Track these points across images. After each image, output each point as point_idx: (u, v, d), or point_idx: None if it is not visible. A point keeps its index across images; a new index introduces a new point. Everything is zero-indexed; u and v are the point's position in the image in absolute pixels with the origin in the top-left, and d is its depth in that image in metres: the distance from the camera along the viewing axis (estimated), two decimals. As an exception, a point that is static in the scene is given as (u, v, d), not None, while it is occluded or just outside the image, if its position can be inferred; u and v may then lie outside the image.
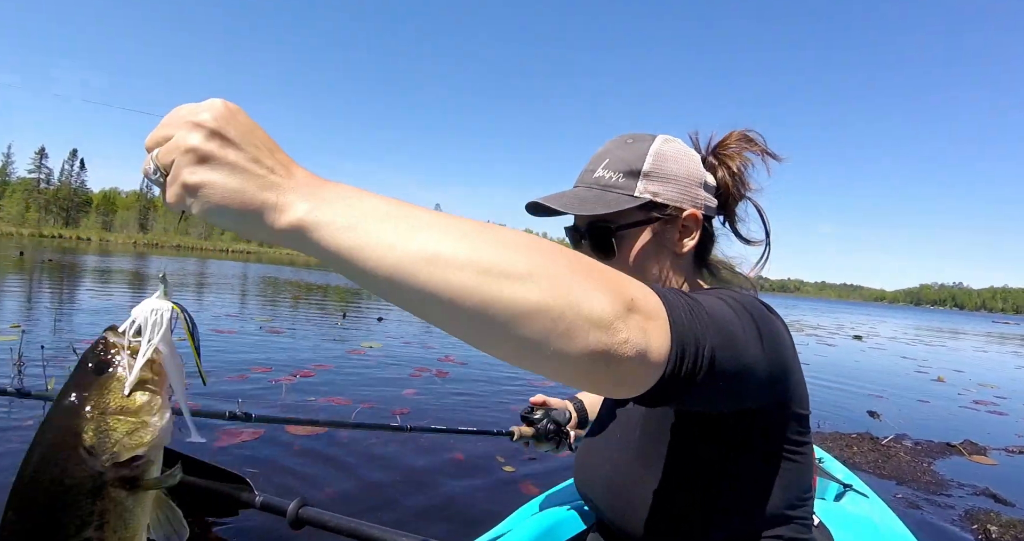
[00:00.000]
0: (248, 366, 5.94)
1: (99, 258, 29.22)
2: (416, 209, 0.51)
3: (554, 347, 0.47)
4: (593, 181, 1.00)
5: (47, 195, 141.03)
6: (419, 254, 0.47)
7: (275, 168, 0.51)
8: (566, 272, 0.49)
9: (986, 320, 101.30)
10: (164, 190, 0.51)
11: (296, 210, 0.49)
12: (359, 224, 0.48)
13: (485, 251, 0.48)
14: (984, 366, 13.89)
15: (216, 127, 0.49)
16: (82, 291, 12.40)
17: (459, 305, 0.47)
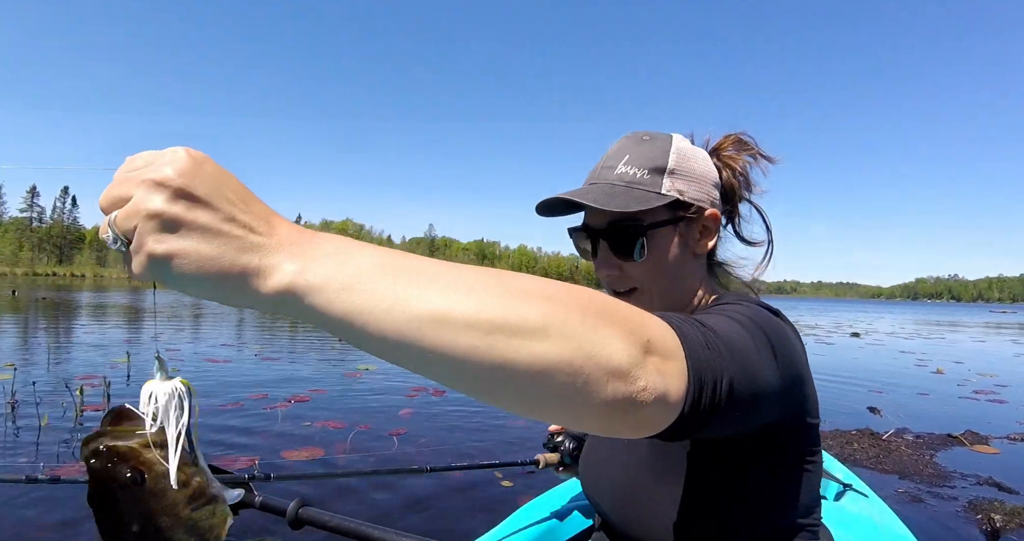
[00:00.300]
0: (243, 394, 5.92)
1: (93, 294, 29.18)
2: (414, 260, 0.46)
3: (574, 402, 0.44)
4: (615, 178, 0.95)
5: (40, 233, 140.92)
6: (423, 315, 0.42)
7: (253, 225, 0.44)
8: (580, 319, 0.45)
9: (983, 310, 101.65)
10: (127, 259, 0.44)
11: (283, 273, 0.43)
12: (355, 284, 0.43)
13: (493, 306, 0.43)
14: (983, 356, 13.87)
15: (181, 184, 0.42)
16: (76, 328, 12.34)
17: (470, 367, 0.43)
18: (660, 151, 0.96)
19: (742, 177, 1.04)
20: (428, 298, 0.43)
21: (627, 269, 0.96)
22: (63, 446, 4.08)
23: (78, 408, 5.02)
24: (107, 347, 9.12)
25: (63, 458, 3.80)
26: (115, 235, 0.44)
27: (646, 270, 0.95)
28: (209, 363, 7.89)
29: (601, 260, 0.98)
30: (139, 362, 7.59)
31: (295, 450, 4.08)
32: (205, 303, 24.95)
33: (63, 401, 5.14)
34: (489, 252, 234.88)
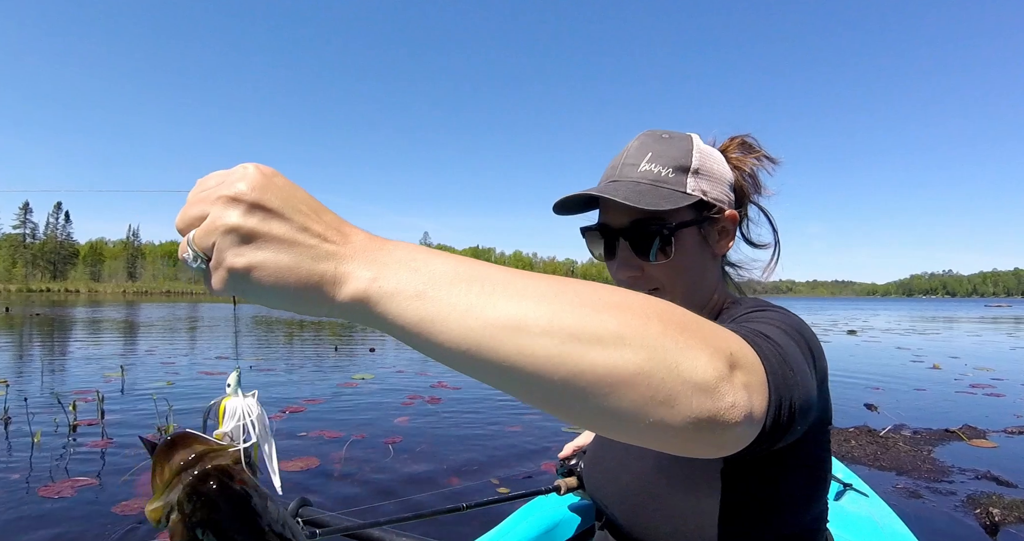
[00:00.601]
0: (238, 406, 5.85)
1: (88, 309, 29.04)
2: (486, 268, 0.45)
3: (654, 417, 0.42)
4: (639, 175, 0.93)
5: (33, 250, 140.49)
6: (499, 322, 0.41)
7: (327, 234, 0.44)
8: (660, 329, 0.43)
9: (978, 305, 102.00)
10: (207, 276, 0.45)
11: (358, 280, 0.43)
12: (428, 291, 0.42)
13: (570, 313, 0.42)
14: (979, 350, 13.89)
15: (255, 198, 0.43)
16: (70, 343, 12.28)
17: (546, 377, 0.41)
18: (683, 150, 0.95)
19: (751, 179, 1.04)
20: (502, 305, 0.42)
21: (649, 270, 0.94)
22: (56, 462, 4.04)
23: (71, 424, 4.98)
24: (101, 362, 9.08)
25: (56, 475, 3.76)
26: (195, 253, 0.44)
27: (669, 271, 0.93)
28: (204, 375, 7.88)
29: (621, 261, 0.95)
30: (132, 377, 7.56)
31: (290, 461, 4.05)
32: (200, 315, 24.99)
33: (56, 417, 5.11)
34: (484, 259, 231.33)
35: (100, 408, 5.42)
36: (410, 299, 0.42)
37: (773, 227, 1.06)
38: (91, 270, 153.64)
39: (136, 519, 3.07)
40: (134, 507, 3.21)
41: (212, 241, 0.43)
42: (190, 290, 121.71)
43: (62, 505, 3.27)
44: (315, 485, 3.64)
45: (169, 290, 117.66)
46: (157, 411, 5.34)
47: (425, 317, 0.42)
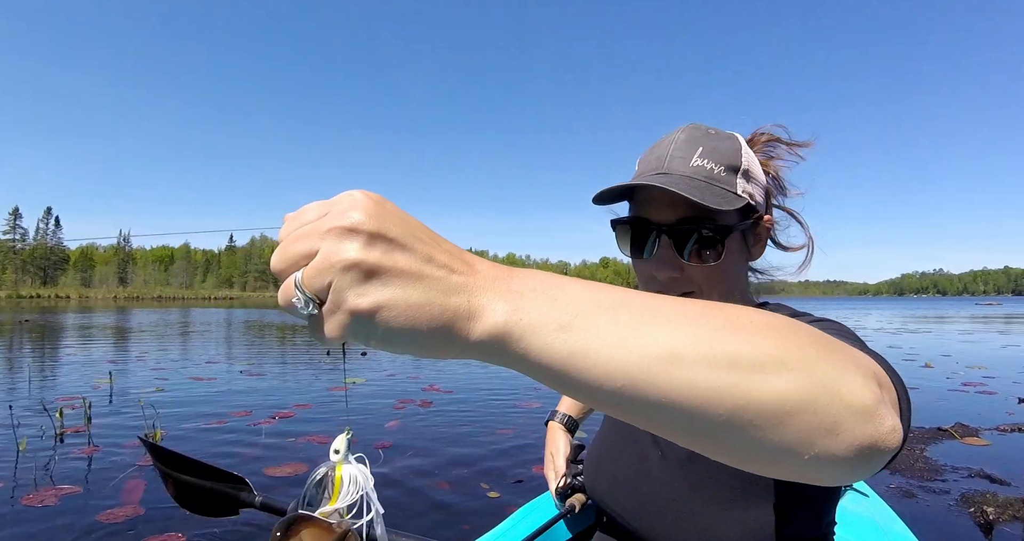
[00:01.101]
0: (227, 412, 5.84)
1: (78, 315, 28.83)
2: (625, 292, 0.42)
3: (818, 447, 0.39)
4: (692, 170, 0.87)
5: (23, 255, 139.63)
6: (655, 352, 0.38)
7: (452, 264, 0.40)
8: (815, 351, 0.40)
9: (969, 303, 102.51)
10: (318, 322, 0.39)
11: (494, 313, 0.39)
12: (573, 322, 0.38)
13: (726, 338, 0.39)
14: (971, 348, 13.95)
15: (375, 228, 0.38)
16: (58, 350, 12.16)
17: (709, 410, 0.38)
18: (733, 149, 0.90)
19: (775, 181, 0.99)
20: (656, 334, 0.38)
21: (689, 272, 0.88)
22: (41, 470, 3.98)
23: (58, 431, 4.92)
24: (90, 368, 9.02)
25: (40, 483, 3.70)
26: (306, 297, 0.38)
27: (712, 274, 0.88)
28: (194, 381, 7.81)
29: (661, 259, 0.88)
30: (121, 383, 7.49)
31: (278, 466, 4.01)
32: (192, 321, 24.85)
33: (42, 424, 5.05)
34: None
35: (87, 415, 5.36)
36: (555, 332, 0.38)
37: (803, 225, 1.02)
38: (82, 276, 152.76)
39: (120, 527, 3.02)
40: (119, 515, 3.16)
41: (328, 281, 0.37)
42: (181, 295, 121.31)
43: (45, 514, 3.22)
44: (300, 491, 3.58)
45: (160, 295, 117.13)
46: (144, 417, 5.28)
47: (574, 351, 0.38)
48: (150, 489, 3.57)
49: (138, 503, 3.34)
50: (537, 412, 5.91)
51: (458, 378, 8.31)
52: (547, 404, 6.10)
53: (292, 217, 0.41)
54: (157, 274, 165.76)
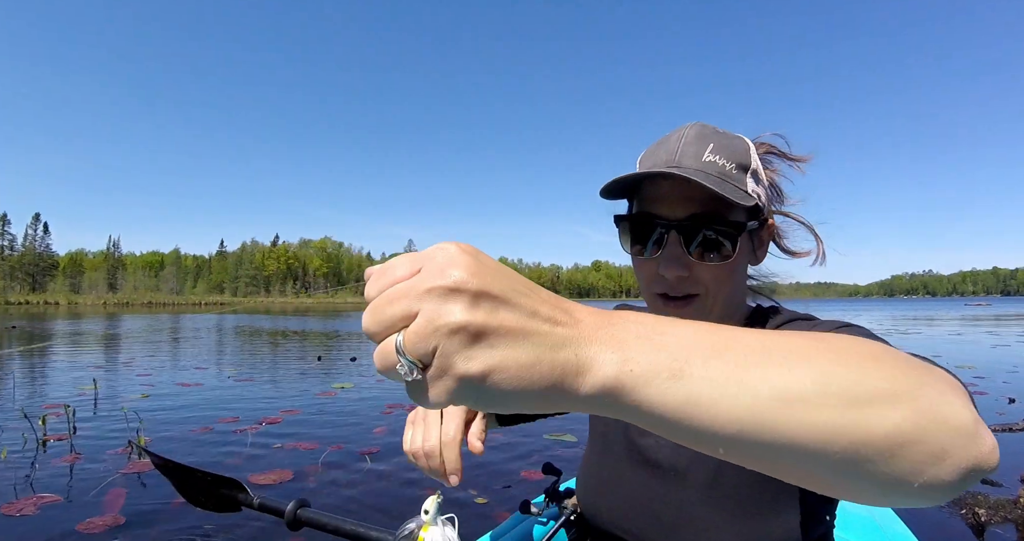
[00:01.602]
0: (214, 417, 5.79)
1: (66, 322, 28.60)
2: (729, 331, 0.40)
3: (928, 475, 0.37)
4: (704, 165, 0.83)
5: (12, 262, 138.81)
6: (770, 395, 0.36)
7: (555, 315, 0.38)
8: (918, 378, 0.39)
9: (958, 304, 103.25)
10: (422, 387, 0.37)
11: (604, 365, 0.37)
12: (685, 369, 0.37)
13: (837, 374, 0.38)
14: (961, 348, 14.00)
15: (479, 286, 0.36)
16: (45, 357, 12.02)
17: (826, 450, 0.37)
18: (743, 149, 0.88)
19: (772, 189, 0.97)
20: (769, 375, 0.37)
21: (698, 271, 0.84)
22: (22, 479, 3.91)
23: (40, 439, 4.85)
24: (76, 375, 8.91)
25: (20, 492, 3.63)
26: (410, 363, 0.36)
27: (720, 275, 0.85)
28: (181, 387, 7.74)
29: (670, 257, 0.84)
30: (106, 390, 7.41)
31: (262, 473, 3.95)
32: (180, 325, 24.71)
33: (25, 432, 4.97)
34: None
35: (71, 422, 5.29)
36: (667, 381, 0.37)
37: (808, 226, 1.00)
38: (71, 282, 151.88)
39: (99, 537, 2.96)
40: (99, 525, 3.10)
41: (433, 346, 0.35)
42: (172, 301, 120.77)
43: (23, 523, 3.15)
44: (285, 498, 3.53)
45: (151, 301, 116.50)
46: (128, 425, 5.21)
47: (688, 400, 0.36)
48: (132, 498, 3.51)
49: (118, 512, 3.28)
50: (527, 416, 5.86)
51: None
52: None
53: (379, 273, 0.39)
54: (147, 280, 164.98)
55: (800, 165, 0.98)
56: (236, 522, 3.07)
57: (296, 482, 3.86)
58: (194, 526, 3.06)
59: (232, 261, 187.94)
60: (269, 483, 3.79)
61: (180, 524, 3.09)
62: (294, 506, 1.27)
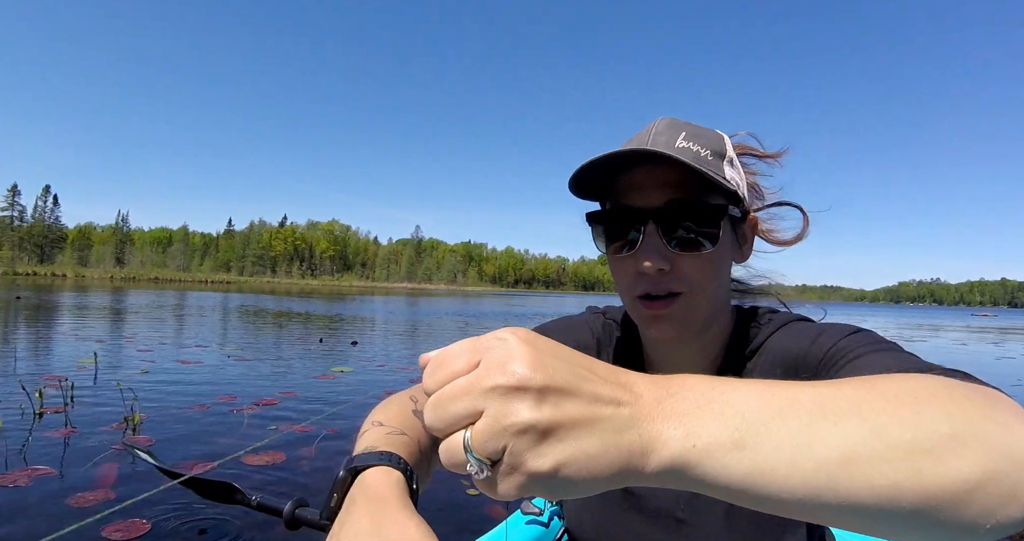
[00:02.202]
0: (211, 396, 5.78)
1: (73, 295, 28.74)
2: (784, 388, 0.39)
3: (999, 516, 0.36)
4: (677, 151, 0.75)
5: (20, 233, 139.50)
6: (831, 458, 0.36)
7: (616, 395, 0.37)
8: (979, 413, 0.38)
9: (964, 314, 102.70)
10: (491, 482, 0.37)
11: (668, 442, 0.37)
12: (746, 438, 0.36)
13: (896, 425, 0.37)
14: (966, 359, 13.97)
15: (543, 382, 0.35)
16: (48, 329, 12.09)
17: (893, 506, 0.36)
18: (716, 138, 0.83)
19: (753, 190, 0.93)
20: (829, 438, 0.36)
21: (680, 264, 0.77)
22: (16, 450, 3.92)
23: (36, 411, 4.86)
24: (78, 348, 8.93)
25: (13, 464, 3.64)
26: (479, 462, 0.36)
27: (704, 266, 0.78)
28: (180, 364, 7.75)
29: (648, 249, 0.77)
30: (106, 364, 7.43)
31: (255, 455, 3.95)
32: (184, 303, 24.80)
33: (22, 403, 4.98)
34: (476, 254, 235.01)
35: (69, 395, 5.31)
36: (730, 453, 0.36)
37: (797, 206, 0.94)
38: (79, 255, 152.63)
39: (88, 512, 2.96)
40: (89, 499, 3.10)
41: (502, 445, 0.35)
42: (178, 278, 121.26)
43: (14, 495, 3.15)
44: (277, 481, 3.54)
45: (157, 277, 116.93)
46: (124, 400, 5.21)
47: (751, 470, 0.36)
48: (123, 474, 3.51)
49: (110, 487, 3.28)
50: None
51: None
52: None
53: (436, 362, 0.39)
54: (155, 256, 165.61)
55: (777, 161, 0.94)
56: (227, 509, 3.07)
57: (288, 464, 3.86)
58: (184, 505, 3.06)
59: (239, 240, 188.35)
60: (262, 464, 3.78)
61: (170, 502, 3.08)
62: (292, 506, 1.25)
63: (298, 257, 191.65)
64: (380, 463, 0.61)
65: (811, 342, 0.77)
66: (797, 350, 0.78)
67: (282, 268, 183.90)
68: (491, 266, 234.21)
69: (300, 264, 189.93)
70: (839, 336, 0.75)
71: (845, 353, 0.71)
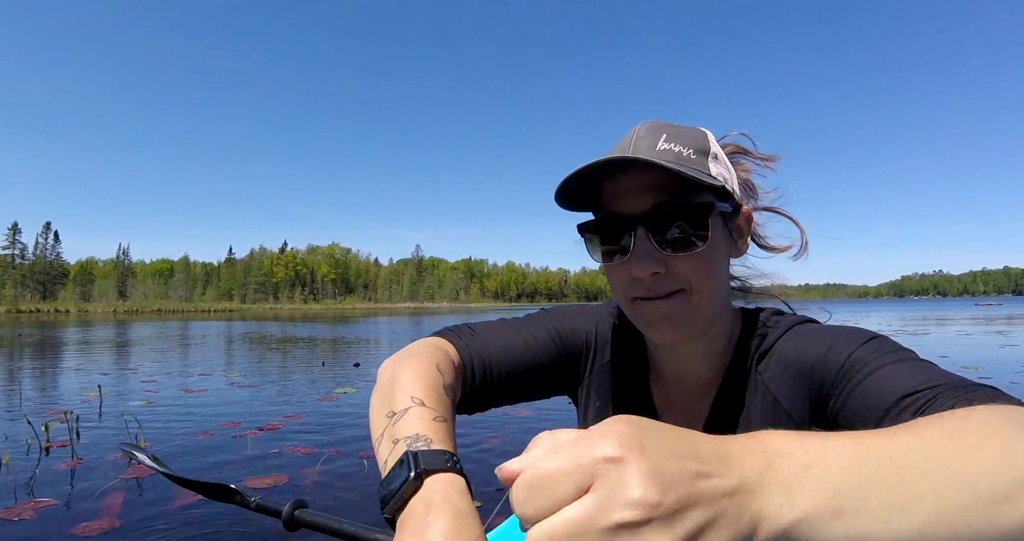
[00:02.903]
0: (215, 423, 5.83)
1: (75, 330, 28.78)
2: (871, 440, 0.42)
3: None
4: (659, 154, 0.77)
5: (22, 270, 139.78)
6: (922, 518, 0.38)
7: (720, 472, 0.37)
8: None
9: (969, 304, 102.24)
10: None
11: (773, 522, 0.37)
12: (845, 505, 0.37)
13: (976, 475, 0.40)
14: (969, 349, 13.95)
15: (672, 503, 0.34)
16: (53, 364, 12.15)
17: None
18: (699, 136, 0.83)
19: (745, 186, 0.93)
20: (918, 497, 0.39)
21: (674, 265, 0.77)
22: (22, 483, 3.96)
23: (43, 445, 4.90)
24: (82, 381, 8.99)
25: (20, 496, 3.68)
26: None
27: (699, 265, 0.78)
28: (184, 393, 7.79)
29: (641, 254, 0.77)
30: (111, 396, 7.47)
31: (259, 477, 3.98)
32: (187, 333, 24.82)
33: (28, 438, 5.02)
34: (477, 270, 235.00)
35: (75, 428, 5.34)
36: (830, 521, 0.37)
37: (789, 217, 0.95)
38: (81, 290, 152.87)
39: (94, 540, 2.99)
40: (95, 528, 3.14)
41: None
42: (181, 308, 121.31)
43: (19, 528, 3.20)
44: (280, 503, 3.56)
45: (160, 308, 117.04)
46: (128, 431, 5.26)
47: (849, 535, 0.37)
48: (129, 502, 3.55)
49: (115, 516, 3.32)
50: (527, 421, 5.88)
51: None
52: (538, 413, 6.07)
53: (532, 485, 0.36)
54: (156, 287, 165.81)
55: (770, 165, 0.94)
56: (233, 520, 3.10)
57: (292, 485, 3.89)
58: (189, 530, 3.09)
59: (241, 268, 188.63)
60: (265, 486, 3.82)
61: (176, 529, 3.11)
62: (291, 507, 1.26)
63: (300, 282, 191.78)
64: (447, 469, 0.60)
65: (827, 349, 0.77)
66: (813, 356, 0.78)
67: (284, 294, 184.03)
68: (493, 281, 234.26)
69: (302, 289, 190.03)
70: (855, 344, 0.75)
71: (864, 364, 0.72)
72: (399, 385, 0.73)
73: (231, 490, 1.31)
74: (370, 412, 0.75)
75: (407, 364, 0.78)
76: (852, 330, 0.79)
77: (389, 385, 0.74)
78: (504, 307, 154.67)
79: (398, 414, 0.68)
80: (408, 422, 0.66)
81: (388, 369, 0.79)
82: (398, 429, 0.66)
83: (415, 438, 0.64)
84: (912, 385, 0.66)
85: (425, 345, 0.85)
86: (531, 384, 0.95)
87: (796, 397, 0.80)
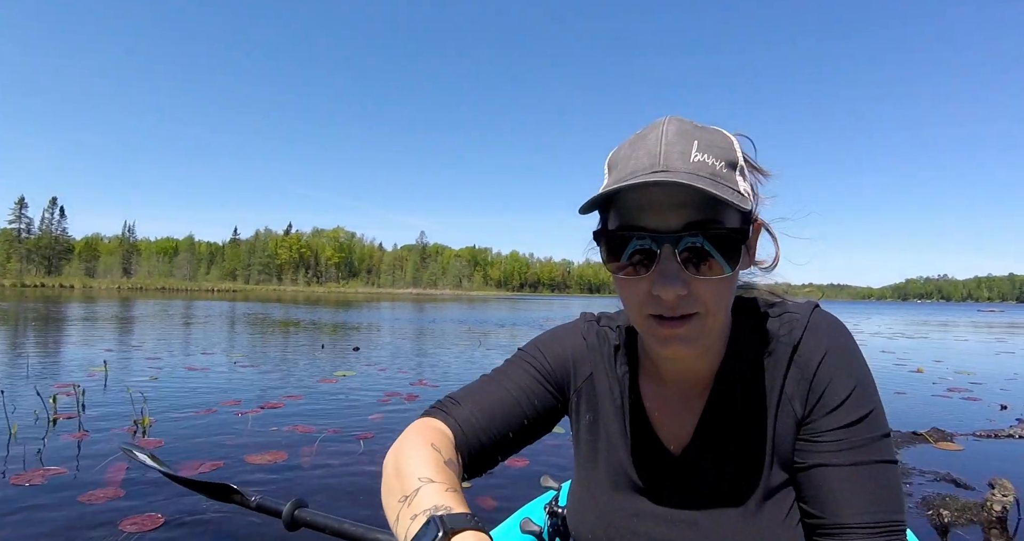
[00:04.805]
0: (216, 401, 5.98)
1: (80, 305, 29.00)
2: None
3: None
4: (694, 166, 0.71)
5: (28, 245, 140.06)
6: None
7: None
8: None
9: (971, 310, 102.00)
10: None
11: None
12: None
13: None
14: (965, 354, 14.00)
15: None
16: (57, 338, 12.29)
17: None
18: (727, 143, 0.76)
19: None
20: None
21: (696, 287, 0.73)
22: (31, 453, 4.10)
23: (51, 417, 5.04)
24: (88, 356, 9.15)
25: (29, 465, 3.82)
26: None
27: (718, 289, 0.74)
28: (188, 371, 7.94)
29: (666, 274, 0.72)
30: (116, 371, 7.62)
31: (259, 454, 4.11)
32: (191, 312, 24.98)
33: (36, 410, 5.17)
34: (481, 258, 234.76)
35: (81, 402, 5.49)
36: None
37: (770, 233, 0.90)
38: (86, 266, 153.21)
39: (100, 507, 3.13)
40: (100, 496, 3.27)
41: None
42: (185, 287, 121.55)
43: (31, 492, 3.33)
44: (278, 479, 3.70)
45: (164, 286, 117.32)
46: (133, 405, 5.40)
47: None
48: (132, 473, 3.68)
49: (119, 485, 3.45)
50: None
51: (447, 373, 8.46)
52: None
53: None
54: (161, 265, 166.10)
55: (763, 179, 0.88)
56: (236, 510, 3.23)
57: (290, 462, 4.01)
58: (189, 501, 3.22)
59: (245, 248, 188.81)
60: (264, 463, 3.95)
61: (176, 498, 3.25)
62: (291, 506, 1.28)
63: (303, 265, 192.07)
64: (472, 527, 0.60)
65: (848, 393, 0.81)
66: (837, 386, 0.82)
67: (288, 276, 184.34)
68: (496, 270, 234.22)
69: (306, 272, 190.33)
70: (856, 415, 0.80)
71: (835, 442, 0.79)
72: (404, 471, 0.74)
73: (231, 489, 1.34)
74: (384, 505, 0.75)
75: (405, 451, 0.78)
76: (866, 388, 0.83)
77: (395, 475, 0.75)
78: (507, 296, 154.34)
79: (410, 495, 0.68)
80: (422, 498, 0.67)
81: (389, 462, 0.79)
82: (414, 507, 0.66)
83: (434, 508, 0.64)
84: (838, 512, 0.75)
85: (416, 429, 0.86)
86: (528, 431, 0.95)
87: (797, 398, 0.84)
